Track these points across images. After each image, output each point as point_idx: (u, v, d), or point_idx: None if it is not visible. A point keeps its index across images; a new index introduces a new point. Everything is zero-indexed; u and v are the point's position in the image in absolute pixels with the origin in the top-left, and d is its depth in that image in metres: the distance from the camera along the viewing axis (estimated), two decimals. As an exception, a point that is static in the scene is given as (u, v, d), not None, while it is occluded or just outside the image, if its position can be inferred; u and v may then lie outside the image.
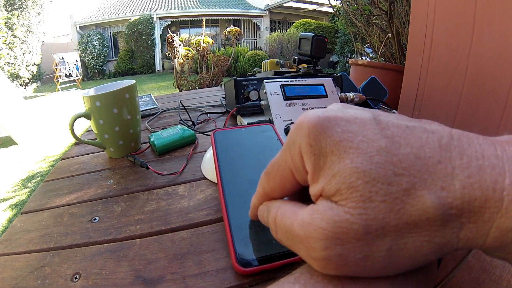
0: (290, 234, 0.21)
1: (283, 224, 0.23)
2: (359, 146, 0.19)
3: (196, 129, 0.80)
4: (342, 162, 0.19)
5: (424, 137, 0.19)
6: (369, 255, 0.18)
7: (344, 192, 0.19)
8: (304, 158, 0.21)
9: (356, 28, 2.81)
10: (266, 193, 0.27)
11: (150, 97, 1.18)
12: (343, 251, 0.18)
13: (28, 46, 10.98)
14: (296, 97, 0.65)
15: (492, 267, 0.34)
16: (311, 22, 13.19)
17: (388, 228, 0.18)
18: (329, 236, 0.18)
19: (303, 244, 0.20)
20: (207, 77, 5.64)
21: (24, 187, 3.23)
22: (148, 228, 0.44)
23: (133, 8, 15.92)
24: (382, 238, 0.18)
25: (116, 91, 0.64)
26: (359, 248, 0.18)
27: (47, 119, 5.88)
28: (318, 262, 0.20)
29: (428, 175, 0.18)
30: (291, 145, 0.23)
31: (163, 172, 0.59)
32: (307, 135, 0.21)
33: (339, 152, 0.19)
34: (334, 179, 0.19)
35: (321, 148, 0.20)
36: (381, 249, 0.18)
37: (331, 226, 0.18)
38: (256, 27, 17.11)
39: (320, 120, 0.21)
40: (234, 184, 0.42)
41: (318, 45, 0.85)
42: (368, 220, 0.18)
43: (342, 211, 0.18)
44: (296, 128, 0.22)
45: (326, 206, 0.19)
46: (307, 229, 0.20)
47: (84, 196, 0.55)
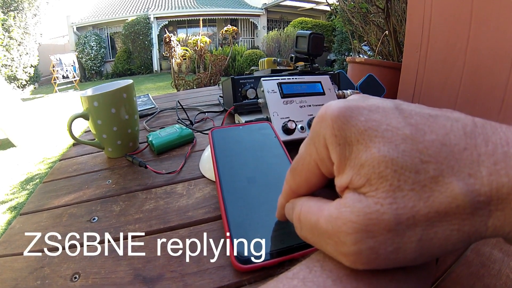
0: (316, 230, 0.21)
1: (308, 221, 0.22)
2: (384, 135, 0.19)
3: (194, 128, 0.80)
4: (369, 151, 0.19)
5: (448, 125, 0.19)
6: (401, 246, 0.18)
7: (374, 182, 0.18)
8: (330, 148, 0.21)
9: (353, 26, 2.81)
10: (292, 190, 0.26)
11: (148, 97, 1.18)
12: (375, 244, 0.18)
13: (25, 47, 10.94)
14: (293, 95, 0.65)
15: (491, 262, 0.34)
16: (308, 21, 13.16)
17: (418, 217, 0.17)
18: (359, 229, 0.18)
19: (331, 240, 0.20)
20: (204, 76, 5.65)
21: (23, 189, 3.22)
22: (147, 227, 0.44)
23: (130, 8, 15.87)
24: (413, 228, 0.17)
25: (113, 91, 0.64)
26: (390, 240, 0.18)
27: (45, 120, 5.87)
28: (348, 257, 0.19)
29: (455, 162, 0.17)
30: (315, 137, 0.22)
31: (161, 171, 0.59)
32: (331, 126, 0.20)
33: (364, 141, 0.19)
34: (363, 169, 0.19)
35: (346, 137, 0.20)
36: (412, 239, 0.18)
37: (361, 218, 0.18)
38: (253, 26, 17.09)
39: (343, 110, 0.21)
40: (232, 182, 0.42)
41: (315, 43, 0.85)
42: (399, 209, 0.17)
43: (372, 202, 0.18)
44: (319, 120, 0.22)
45: (354, 199, 0.19)
46: (335, 224, 0.19)
47: (83, 196, 0.55)
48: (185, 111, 0.90)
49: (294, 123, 0.61)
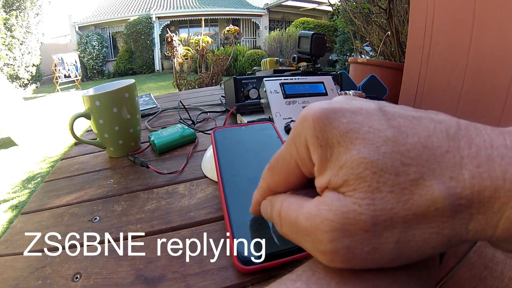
0: (296, 227, 0.21)
1: (288, 217, 0.22)
2: (365, 137, 0.19)
3: (196, 128, 0.80)
4: (349, 153, 0.19)
5: (432, 127, 0.19)
6: (377, 247, 0.18)
7: (352, 183, 0.18)
8: (311, 150, 0.21)
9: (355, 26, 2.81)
10: (270, 188, 0.26)
11: (149, 96, 1.18)
12: (351, 243, 0.18)
13: (27, 47, 10.97)
14: (296, 95, 0.65)
15: (493, 264, 0.34)
16: (310, 21, 13.17)
17: (396, 219, 0.17)
18: (336, 228, 0.18)
19: (309, 237, 0.20)
20: (206, 76, 5.65)
21: (24, 188, 3.23)
22: (149, 227, 0.44)
23: (132, 8, 15.90)
24: (390, 229, 0.17)
25: (115, 90, 0.64)
26: (367, 240, 0.18)
27: (47, 120, 5.88)
28: (325, 255, 0.19)
29: (436, 165, 0.17)
30: (297, 137, 0.22)
31: (163, 171, 0.59)
32: (313, 127, 0.20)
33: (345, 143, 0.19)
34: (341, 170, 0.19)
35: (327, 139, 0.20)
36: (389, 241, 0.18)
37: (339, 217, 0.18)
38: (255, 26, 17.09)
39: (326, 111, 0.20)
40: (234, 183, 0.42)
41: (317, 43, 0.85)
42: (376, 210, 0.17)
43: (350, 201, 0.18)
44: (301, 121, 0.22)
45: (333, 197, 0.19)
46: (313, 221, 0.19)
47: (85, 196, 0.55)
48: (187, 111, 0.90)
49: (296, 124, 0.60)
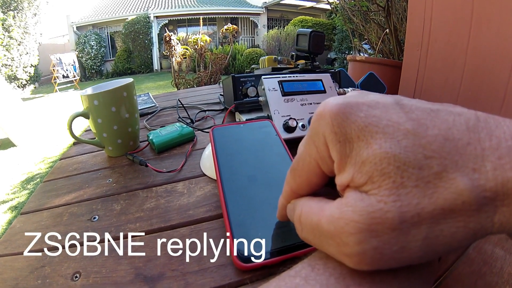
0: (318, 231, 0.21)
1: (309, 222, 0.22)
2: (385, 131, 0.18)
3: (194, 126, 0.80)
4: (370, 148, 0.18)
5: (451, 119, 0.18)
6: (405, 245, 0.17)
7: (377, 179, 0.18)
8: (330, 146, 0.20)
9: (353, 24, 2.81)
10: (293, 191, 0.26)
11: (148, 96, 1.18)
12: (379, 244, 0.17)
13: (25, 47, 10.95)
14: (294, 93, 0.65)
15: (493, 260, 0.34)
16: (309, 19, 13.17)
17: (423, 215, 0.17)
18: (362, 229, 0.17)
19: (333, 241, 0.19)
20: (205, 75, 5.65)
21: (24, 189, 3.22)
22: (148, 225, 0.44)
23: (130, 7, 15.87)
24: (418, 226, 0.17)
25: (114, 89, 0.64)
26: (395, 239, 0.17)
27: (46, 120, 5.87)
28: (352, 258, 0.18)
29: (458, 157, 0.17)
30: (315, 135, 0.22)
31: (162, 169, 0.58)
32: (330, 123, 0.20)
33: (365, 137, 0.19)
34: (364, 166, 0.18)
35: (346, 134, 0.19)
36: (417, 238, 0.17)
37: (364, 218, 0.17)
38: (253, 25, 17.08)
39: (342, 106, 0.20)
40: (233, 180, 0.42)
41: (316, 41, 0.85)
42: (403, 207, 0.17)
43: (375, 200, 0.17)
44: (317, 118, 0.21)
45: (356, 198, 0.18)
46: (337, 224, 0.19)
47: (84, 195, 0.54)
48: (186, 110, 0.90)
49: (295, 121, 0.60)
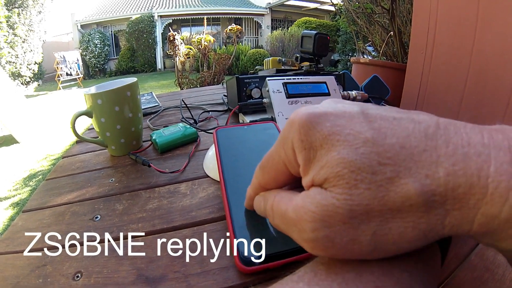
0: (285, 219, 0.23)
1: (279, 210, 0.24)
2: (346, 139, 0.20)
3: (198, 127, 0.80)
4: (329, 154, 0.20)
5: (411, 127, 0.20)
6: (355, 238, 0.19)
7: (332, 180, 0.20)
8: (296, 152, 0.23)
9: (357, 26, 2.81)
10: (261, 185, 0.29)
11: (151, 95, 1.18)
12: (330, 234, 0.20)
13: (29, 44, 11.00)
14: (298, 95, 0.65)
15: (495, 266, 0.34)
16: (313, 21, 13.16)
17: (372, 214, 0.19)
18: (317, 219, 0.20)
19: (296, 227, 0.22)
20: (208, 75, 5.66)
21: (26, 186, 3.23)
22: (150, 226, 0.43)
23: (134, 6, 15.92)
24: (367, 222, 0.19)
25: (117, 89, 0.64)
26: (345, 231, 0.19)
27: (49, 117, 5.89)
28: (308, 243, 0.21)
29: (413, 164, 0.19)
30: (284, 140, 0.24)
31: (165, 170, 0.58)
32: (298, 131, 0.22)
33: (327, 145, 0.21)
34: (322, 170, 0.20)
35: (311, 142, 0.21)
36: (366, 233, 0.19)
37: (319, 209, 0.20)
38: (257, 25, 17.10)
39: (310, 116, 0.22)
40: (236, 182, 0.42)
41: (320, 43, 0.85)
42: (353, 205, 0.19)
43: (329, 196, 0.20)
44: (288, 125, 0.23)
45: (316, 192, 0.21)
46: (299, 212, 0.21)
47: (86, 194, 0.54)
48: (189, 110, 0.90)
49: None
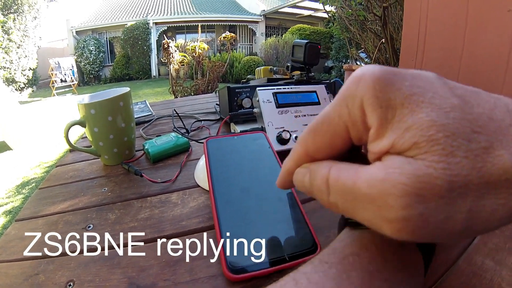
0: (352, 194, 0.20)
1: (341, 184, 0.20)
2: (432, 102, 0.18)
3: (190, 136, 0.81)
4: (416, 115, 0.18)
5: (492, 101, 0.19)
6: (451, 215, 0.17)
7: (423, 145, 0.17)
8: (368, 111, 0.20)
9: (350, 33, 2.84)
10: (308, 153, 0.24)
11: (145, 103, 1.19)
12: (425, 210, 0.17)
13: (24, 50, 10.98)
14: (288, 105, 0.66)
15: (483, 271, 0.35)
16: (307, 28, 13.23)
17: (470, 187, 0.17)
18: (410, 193, 0.17)
19: (373, 204, 0.18)
20: (202, 83, 5.67)
21: (19, 193, 3.21)
22: (141, 235, 0.44)
23: (129, 13, 15.93)
24: (464, 197, 0.17)
25: (110, 99, 0.65)
26: (441, 207, 0.17)
27: (42, 124, 5.87)
28: (394, 224, 0.18)
29: (502, 137, 0.17)
30: (349, 97, 0.21)
31: (156, 180, 0.59)
32: (373, 87, 0.19)
33: (410, 105, 0.18)
34: (408, 132, 0.18)
35: (389, 100, 0.19)
36: (462, 209, 0.17)
37: (413, 181, 0.17)
38: (251, 32, 17.15)
39: (386, 72, 0.20)
40: (225, 192, 0.43)
41: (311, 52, 0.86)
42: (452, 176, 0.16)
43: (423, 165, 0.17)
44: (355, 80, 0.21)
45: (402, 161, 0.18)
46: (381, 186, 0.18)
47: (79, 203, 0.55)
48: (181, 120, 0.90)
49: (288, 133, 0.61)
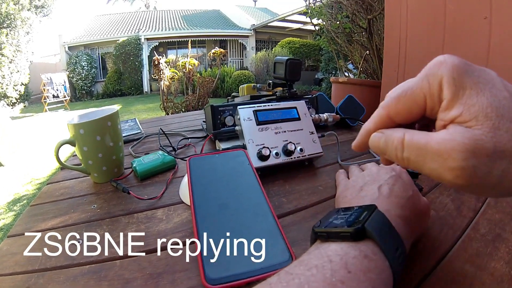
0: (424, 151, 0.26)
1: (415, 143, 0.27)
2: (491, 91, 0.25)
3: (176, 154, 0.84)
4: (480, 97, 0.25)
5: None
6: (491, 171, 0.24)
7: (481, 119, 0.24)
8: (445, 87, 0.26)
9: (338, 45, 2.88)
10: (389, 116, 0.31)
11: (135, 121, 1.21)
12: (476, 163, 0.24)
13: (16, 65, 10.98)
14: (268, 122, 0.69)
15: (462, 277, 0.37)
16: (296, 41, 13.39)
17: (506, 153, 0.24)
18: (469, 149, 0.24)
19: (440, 157, 0.25)
20: (193, 98, 5.69)
21: (10, 210, 3.20)
22: (127, 250, 0.46)
23: (121, 29, 16.05)
24: (501, 159, 0.24)
25: (98, 119, 0.67)
26: (486, 164, 0.24)
27: (34, 140, 5.84)
28: (454, 172, 0.25)
29: None
30: (431, 75, 0.27)
31: (143, 196, 0.61)
32: (452, 70, 0.26)
33: (476, 89, 0.25)
34: (473, 107, 0.25)
35: (462, 82, 0.26)
36: (498, 168, 0.24)
37: (472, 142, 0.24)
38: (242, 47, 17.31)
39: (463, 62, 0.26)
40: (205, 208, 0.46)
41: (291, 68, 0.89)
42: (497, 142, 0.23)
43: (479, 133, 0.24)
44: (437, 63, 0.27)
45: (463, 129, 0.25)
46: (448, 144, 0.25)
47: (69, 220, 0.57)
48: (168, 138, 0.93)
49: (268, 150, 0.64)
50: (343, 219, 0.35)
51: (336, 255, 0.30)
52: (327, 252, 0.31)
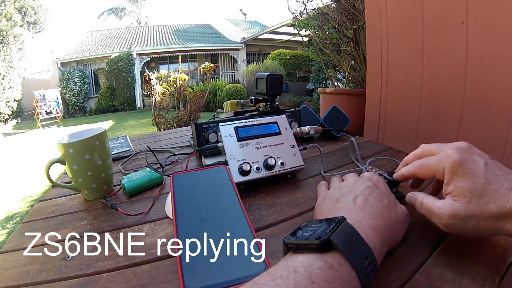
0: (430, 212, 0.45)
1: (427, 206, 0.46)
2: (472, 179, 0.41)
3: (164, 170, 0.86)
4: (464, 183, 0.41)
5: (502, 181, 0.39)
6: (465, 226, 0.41)
7: (462, 196, 0.41)
8: (446, 172, 0.44)
9: (326, 56, 2.93)
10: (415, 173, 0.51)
11: (125, 139, 1.23)
12: (455, 222, 0.41)
13: (9, 81, 10.95)
14: (249, 137, 0.71)
15: (441, 282, 0.39)
16: (286, 52, 13.46)
17: (474, 217, 0.40)
18: (451, 215, 0.41)
19: (437, 217, 0.44)
20: (184, 113, 5.68)
21: (3, 228, 3.18)
22: (115, 263, 0.49)
23: (113, 45, 16.09)
24: (471, 219, 0.40)
25: (87, 139, 0.70)
26: (461, 222, 0.41)
27: (27, 157, 5.82)
28: (444, 225, 0.43)
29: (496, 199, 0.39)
30: (442, 162, 0.45)
31: (131, 212, 0.64)
32: (452, 163, 0.43)
33: (464, 177, 0.42)
34: (459, 189, 0.42)
35: (457, 172, 0.42)
36: (470, 224, 0.40)
37: (452, 210, 0.41)
38: (233, 60, 17.41)
39: (460, 160, 0.43)
40: (186, 222, 0.48)
41: (273, 83, 0.92)
42: (468, 211, 0.40)
43: (458, 205, 0.41)
44: (447, 156, 0.44)
45: (451, 201, 0.42)
46: (442, 210, 0.43)
47: (59, 236, 0.59)
48: (155, 155, 0.95)
49: (249, 165, 0.67)
50: (313, 232, 0.37)
51: (301, 266, 0.32)
52: (293, 264, 0.33)
